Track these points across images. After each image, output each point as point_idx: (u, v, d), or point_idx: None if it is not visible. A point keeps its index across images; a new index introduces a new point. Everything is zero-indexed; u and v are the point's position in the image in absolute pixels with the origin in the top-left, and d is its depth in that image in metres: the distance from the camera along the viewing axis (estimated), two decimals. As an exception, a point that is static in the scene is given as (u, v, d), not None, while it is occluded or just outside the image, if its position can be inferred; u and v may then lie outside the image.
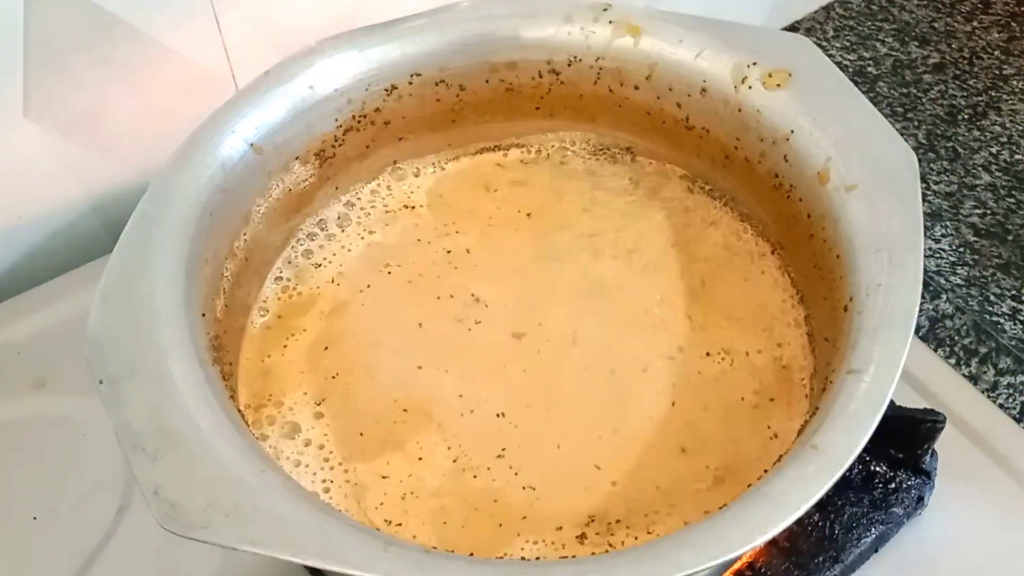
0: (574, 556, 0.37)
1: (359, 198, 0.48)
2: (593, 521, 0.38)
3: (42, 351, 0.53)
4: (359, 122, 0.46)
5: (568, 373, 0.42)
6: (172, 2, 0.52)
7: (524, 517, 0.38)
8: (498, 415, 0.41)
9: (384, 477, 0.39)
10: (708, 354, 0.43)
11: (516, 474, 0.39)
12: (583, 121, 0.49)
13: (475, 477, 0.39)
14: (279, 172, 0.44)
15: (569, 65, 0.47)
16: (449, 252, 0.47)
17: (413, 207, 0.48)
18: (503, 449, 0.40)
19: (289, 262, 0.46)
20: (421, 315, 0.44)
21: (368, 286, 0.45)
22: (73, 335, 0.38)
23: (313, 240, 0.47)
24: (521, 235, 0.47)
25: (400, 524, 0.38)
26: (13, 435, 0.50)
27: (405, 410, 0.41)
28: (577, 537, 0.38)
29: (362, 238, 0.47)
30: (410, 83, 0.46)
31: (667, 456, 0.40)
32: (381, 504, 0.39)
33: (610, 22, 0.46)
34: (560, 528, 0.38)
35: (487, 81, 0.47)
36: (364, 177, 0.48)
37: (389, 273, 0.46)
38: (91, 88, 0.53)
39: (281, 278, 0.45)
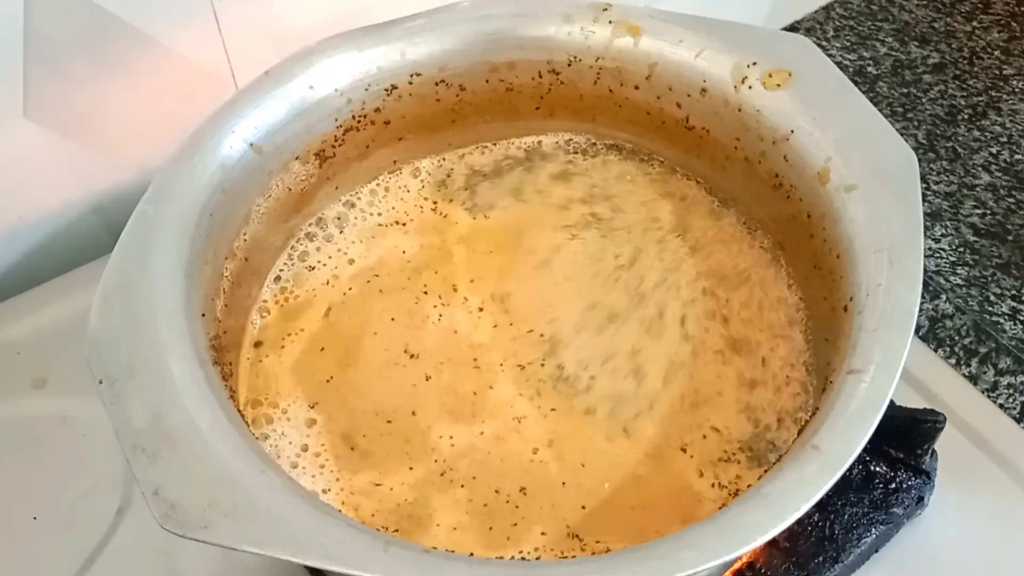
0: (574, 556, 0.37)
1: (359, 198, 0.48)
2: (578, 537, 0.38)
3: (42, 351, 0.53)
4: (359, 122, 0.46)
5: (561, 382, 0.42)
6: (172, 2, 0.52)
7: (514, 524, 0.38)
8: (484, 427, 0.41)
9: (377, 485, 0.39)
10: (705, 353, 0.43)
11: (502, 480, 0.39)
12: (583, 121, 0.49)
13: (462, 487, 0.39)
14: (279, 172, 0.44)
15: (569, 65, 0.47)
16: (446, 255, 0.47)
17: (411, 209, 0.48)
18: (488, 457, 0.40)
19: (288, 263, 0.46)
20: (414, 322, 0.44)
21: (364, 289, 0.45)
22: (73, 335, 0.38)
23: (312, 241, 0.47)
24: (520, 237, 0.47)
25: (397, 531, 0.38)
26: (13, 435, 0.50)
27: (389, 421, 0.41)
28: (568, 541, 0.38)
29: (360, 240, 0.47)
30: (410, 83, 0.46)
31: (662, 461, 0.40)
32: (377, 512, 0.39)
33: (610, 22, 0.46)
34: (547, 534, 0.38)
35: (487, 81, 0.47)
36: (364, 177, 0.48)
37: (386, 277, 0.46)
38: (91, 88, 0.53)
39: (280, 278, 0.45)
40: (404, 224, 0.47)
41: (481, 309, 0.44)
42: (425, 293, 0.45)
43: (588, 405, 0.42)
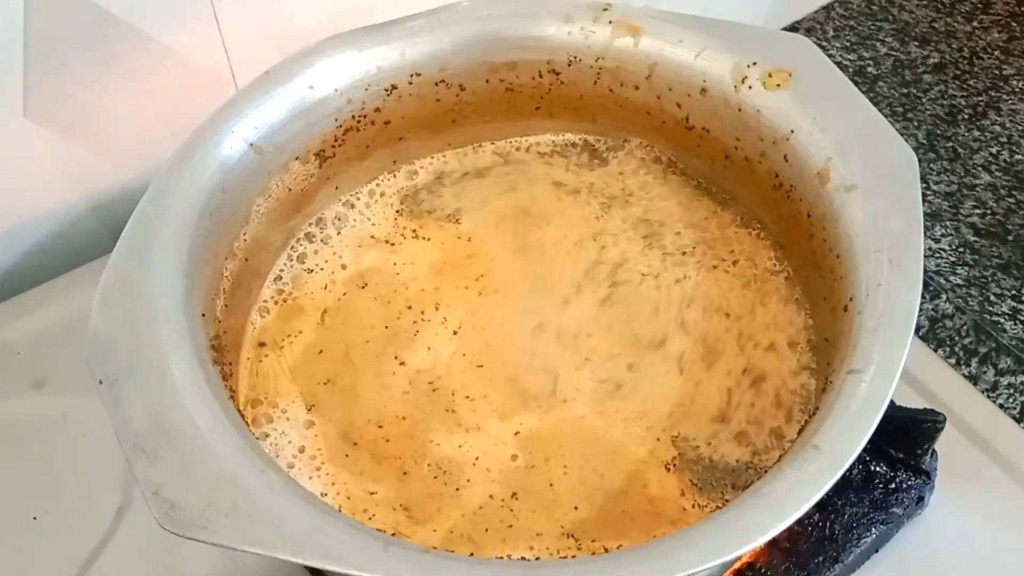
0: (574, 556, 0.37)
1: (359, 199, 0.48)
2: (573, 537, 0.38)
3: (42, 351, 0.53)
4: (359, 122, 0.46)
5: (554, 386, 0.42)
6: (172, 2, 0.52)
7: (510, 525, 0.38)
8: (470, 435, 0.41)
9: (372, 493, 0.39)
10: (706, 355, 0.43)
11: (495, 484, 0.39)
12: (583, 121, 0.49)
13: (457, 490, 0.39)
14: (279, 172, 0.44)
15: (569, 65, 0.47)
16: (444, 257, 0.47)
17: (411, 209, 0.48)
18: (479, 463, 0.40)
19: (288, 263, 0.46)
20: (401, 332, 0.44)
21: (358, 295, 0.45)
22: (73, 335, 0.38)
23: (312, 242, 0.47)
24: (518, 238, 0.47)
25: (395, 534, 0.38)
26: (13, 435, 0.50)
27: (381, 426, 0.41)
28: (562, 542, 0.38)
29: (358, 244, 0.47)
30: (410, 83, 0.46)
31: (657, 467, 0.40)
32: (374, 515, 0.39)
33: (610, 22, 0.46)
34: (542, 534, 0.38)
35: (487, 81, 0.47)
36: (364, 177, 0.48)
37: (376, 286, 0.46)
38: (91, 88, 0.53)
39: (280, 279, 0.45)
40: (392, 244, 0.47)
41: (455, 333, 0.44)
42: (409, 308, 0.45)
43: (573, 413, 0.41)
